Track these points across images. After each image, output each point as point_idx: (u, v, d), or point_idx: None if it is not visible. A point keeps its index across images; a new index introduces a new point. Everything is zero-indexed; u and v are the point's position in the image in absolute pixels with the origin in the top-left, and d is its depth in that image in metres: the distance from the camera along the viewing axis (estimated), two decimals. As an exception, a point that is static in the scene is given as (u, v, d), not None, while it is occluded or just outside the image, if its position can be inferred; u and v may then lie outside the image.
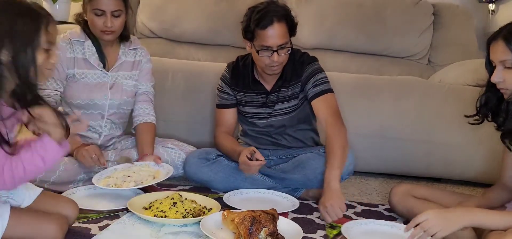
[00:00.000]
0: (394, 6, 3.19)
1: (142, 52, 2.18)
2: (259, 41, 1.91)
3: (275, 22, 1.88)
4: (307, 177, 1.99)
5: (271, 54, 1.90)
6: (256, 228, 1.41)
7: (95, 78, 2.04)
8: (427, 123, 2.44)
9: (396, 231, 1.65)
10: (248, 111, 2.13)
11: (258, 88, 2.09)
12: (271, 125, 2.11)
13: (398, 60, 3.18)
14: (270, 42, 1.89)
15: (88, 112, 2.04)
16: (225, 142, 2.09)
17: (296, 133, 2.14)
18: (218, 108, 2.18)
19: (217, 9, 3.17)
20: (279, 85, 2.06)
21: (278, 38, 1.89)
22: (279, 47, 1.90)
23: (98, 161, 1.88)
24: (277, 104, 2.08)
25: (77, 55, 2.02)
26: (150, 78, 2.20)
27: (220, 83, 2.16)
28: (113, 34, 1.99)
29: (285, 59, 1.97)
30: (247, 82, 2.08)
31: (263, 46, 1.90)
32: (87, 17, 1.98)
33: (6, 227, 1.21)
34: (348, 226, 1.64)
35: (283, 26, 1.90)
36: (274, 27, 1.88)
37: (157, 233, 1.53)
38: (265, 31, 1.88)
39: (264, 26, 1.88)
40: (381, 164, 2.53)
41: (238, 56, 2.16)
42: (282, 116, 2.09)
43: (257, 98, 2.10)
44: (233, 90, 2.12)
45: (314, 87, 2.02)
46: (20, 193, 1.39)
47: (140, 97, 2.16)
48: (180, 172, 2.12)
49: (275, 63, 1.92)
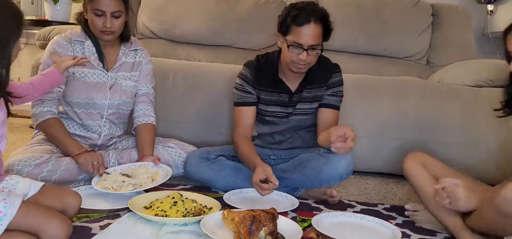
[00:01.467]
0: (393, 6, 3.20)
1: (143, 53, 2.20)
2: (292, 36, 1.91)
3: (312, 21, 1.88)
4: (307, 177, 1.99)
5: (301, 52, 1.90)
6: (256, 227, 1.41)
7: (94, 78, 2.05)
8: (426, 123, 2.45)
9: (366, 223, 1.72)
10: (268, 110, 2.11)
11: (282, 87, 2.07)
12: (289, 124, 2.12)
13: (397, 61, 3.19)
14: (303, 40, 1.89)
15: (88, 111, 2.06)
16: (244, 148, 2.04)
17: (306, 134, 2.15)
18: (238, 107, 2.12)
19: (217, 9, 3.18)
20: (303, 86, 2.07)
21: (311, 38, 1.89)
22: (310, 47, 1.90)
23: (97, 169, 1.89)
24: (298, 104, 2.09)
25: (77, 54, 2.03)
26: (150, 80, 2.21)
27: (240, 82, 2.10)
28: (113, 34, 2.00)
29: (313, 60, 1.96)
30: (271, 81, 2.07)
31: (295, 42, 1.90)
32: (88, 16, 1.99)
33: (14, 216, 1.24)
34: (318, 218, 1.68)
35: (318, 28, 1.90)
36: (309, 26, 1.88)
37: (158, 232, 1.54)
38: (300, 28, 1.88)
39: (301, 23, 1.88)
40: (380, 164, 2.54)
41: (258, 56, 2.15)
42: (301, 116, 2.11)
43: (279, 98, 2.09)
44: (255, 89, 2.09)
45: (330, 96, 2.07)
46: (25, 185, 1.41)
47: (141, 98, 2.17)
48: (181, 171, 2.13)
49: (302, 62, 1.92)
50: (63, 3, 3.41)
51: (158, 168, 1.97)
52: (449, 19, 3.23)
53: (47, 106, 1.97)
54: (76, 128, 2.08)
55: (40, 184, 1.45)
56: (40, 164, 1.85)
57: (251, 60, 2.14)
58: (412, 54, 3.21)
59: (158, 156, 2.04)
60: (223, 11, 3.18)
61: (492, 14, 3.51)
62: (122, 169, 1.96)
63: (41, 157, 1.87)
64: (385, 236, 1.62)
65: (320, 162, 1.96)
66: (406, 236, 1.64)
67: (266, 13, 3.17)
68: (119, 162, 2.05)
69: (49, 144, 2.02)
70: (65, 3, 3.44)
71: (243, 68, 2.13)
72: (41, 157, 1.87)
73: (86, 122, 2.07)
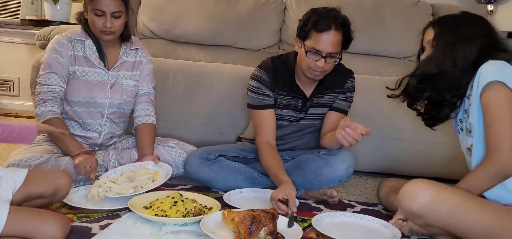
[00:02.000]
0: (393, 6, 3.20)
1: (143, 53, 2.20)
2: (311, 42, 1.88)
3: (333, 29, 1.85)
4: (307, 178, 2.00)
5: (319, 59, 1.87)
6: (256, 227, 1.41)
7: (96, 76, 2.06)
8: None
9: (366, 223, 1.72)
10: (282, 114, 2.08)
11: (297, 92, 2.04)
12: (297, 128, 2.11)
13: (397, 61, 3.19)
14: (322, 46, 1.86)
15: (88, 110, 2.06)
16: (269, 158, 1.96)
17: (311, 136, 2.15)
18: (256, 110, 2.05)
19: (217, 9, 3.18)
20: (318, 91, 2.04)
21: (331, 45, 1.86)
22: (329, 55, 1.87)
23: (89, 174, 1.85)
24: (311, 109, 2.07)
25: (78, 53, 2.04)
26: (151, 79, 2.21)
27: (256, 84, 2.03)
28: (113, 34, 2.00)
29: (330, 68, 1.93)
30: (288, 85, 2.03)
31: (314, 48, 1.87)
32: (88, 16, 2.00)
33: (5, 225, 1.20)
34: (318, 218, 1.68)
35: (338, 36, 1.87)
36: (330, 33, 1.85)
37: (158, 232, 1.54)
38: (320, 35, 1.85)
39: (321, 29, 1.85)
40: (381, 164, 2.54)
41: (272, 57, 2.10)
42: (312, 121, 2.10)
43: (293, 102, 2.06)
44: (273, 92, 2.05)
45: (341, 100, 2.07)
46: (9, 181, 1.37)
47: (141, 98, 2.17)
48: (181, 171, 2.13)
49: (319, 68, 1.88)
50: (63, 3, 3.42)
51: (158, 168, 1.97)
52: (449, 19, 3.23)
53: (49, 106, 1.97)
54: (76, 128, 2.09)
55: (24, 171, 1.43)
56: (40, 164, 1.85)
57: (266, 62, 2.08)
58: (412, 54, 3.20)
59: (157, 155, 2.04)
60: (223, 11, 3.17)
61: (492, 14, 3.51)
62: (122, 170, 1.96)
63: (41, 157, 1.87)
64: (385, 236, 1.62)
65: (320, 164, 1.96)
66: (405, 236, 1.64)
67: (266, 13, 3.17)
68: (119, 162, 2.06)
69: (49, 144, 2.02)
70: (65, 3, 3.44)
71: (257, 70, 2.06)
72: (41, 157, 1.87)
73: (87, 121, 2.07)
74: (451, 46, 1.56)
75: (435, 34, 1.62)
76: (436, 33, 1.62)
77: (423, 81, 1.62)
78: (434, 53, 1.60)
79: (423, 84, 1.62)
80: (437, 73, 1.58)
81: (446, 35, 1.59)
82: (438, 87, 1.59)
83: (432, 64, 1.59)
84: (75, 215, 1.64)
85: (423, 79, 1.62)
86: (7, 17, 3.92)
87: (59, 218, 1.33)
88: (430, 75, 1.59)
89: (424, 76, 1.61)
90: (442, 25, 1.63)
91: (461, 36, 1.57)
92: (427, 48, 1.66)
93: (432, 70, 1.59)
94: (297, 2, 3.19)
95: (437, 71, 1.58)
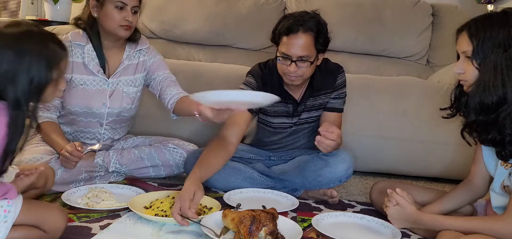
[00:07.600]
0: (393, 6, 3.20)
1: (146, 52, 2.12)
2: (281, 47, 1.84)
3: (301, 32, 1.79)
4: (307, 179, 1.99)
5: (289, 63, 1.82)
6: (256, 227, 1.42)
7: (94, 85, 2.00)
8: (426, 123, 2.45)
9: (366, 223, 1.72)
10: (274, 121, 2.06)
11: (287, 97, 1.99)
12: (294, 133, 2.10)
13: (397, 61, 3.20)
14: (290, 51, 1.81)
15: (86, 119, 2.03)
16: (210, 156, 1.83)
17: (311, 136, 2.13)
18: None
19: (217, 10, 3.18)
20: (308, 94, 2.00)
21: (299, 48, 1.80)
22: (299, 58, 1.81)
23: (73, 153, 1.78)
24: (303, 114, 2.04)
25: (76, 60, 1.98)
26: (164, 66, 2.12)
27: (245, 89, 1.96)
28: (130, 30, 1.96)
29: (305, 72, 1.85)
30: (277, 92, 1.92)
31: (283, 53, 1.83)
32: (101, 13, 1.92)
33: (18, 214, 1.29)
34: (318, 218, 1.69)
35: (308, 38, 1.80)
36: (297, 36, 1.79)
37: (158, 232, 1.54)
38: (288, 38, 1.81)
39: (288, 33, 1.81)
40: (380, 164, 2.55)
41: (259, 64, 2.05)
42: (307, 124, 2.08)
43: (285, 108, 2.03)
44: None
45: (333, 99, 2.02)
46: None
47: (164, 83, 2.06)
48: (181, 171, 2.13)
49: (292, 73, 1.84)
50: (63, 3, 3.41)
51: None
52: (449, 19, 3.23)
53: (47, 112, 1.98)
54: (75, 135, 2.08)
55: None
56: (40, 165, 1.85)
57: (254, 69, 2.05)
58: (412, 54, 3.21)
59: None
60: (223, 11, 3.18)
61: (492, 14, 3.51)
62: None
63: (41, 158, 1.87)
64: (385, 236, 1.62)
65: (319, 165, 1.96)
66: (406, 236, 1.64)
67: (266, 13, 3.17)
68: (119, 162, 2.05)
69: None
70: (65, 3, 3.44)
71: (248, 77, 2.03)
72: (41, 158, 1.87)
73: (86, 130, 2.06)
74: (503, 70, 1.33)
75: (474, 49, 1.40)
76: (475, 49, 1.39)
77: (482, 113, 1.39)
78: (483, 77, 1.37)
79: (483, 117, 1.39)
80: (497, 101, 1.35)
81: (491, 53, 1.35)
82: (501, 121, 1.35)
83: (487, 92, 1.35)
84: (75, 215, 1.64)
85: (481, 112, 1.39)
86: (8, 17, 3.92)
87: (61, 209, 1.41)
88: (488, 106, 1.36)
89: (482, 109, 1.38)
90: (481, 38, 1.39)
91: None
92: (462, 59, 1.46)
93: (492, 98, 1.35)
94: (297, 2, 3.20)
95: (497, 99, 1.35)
